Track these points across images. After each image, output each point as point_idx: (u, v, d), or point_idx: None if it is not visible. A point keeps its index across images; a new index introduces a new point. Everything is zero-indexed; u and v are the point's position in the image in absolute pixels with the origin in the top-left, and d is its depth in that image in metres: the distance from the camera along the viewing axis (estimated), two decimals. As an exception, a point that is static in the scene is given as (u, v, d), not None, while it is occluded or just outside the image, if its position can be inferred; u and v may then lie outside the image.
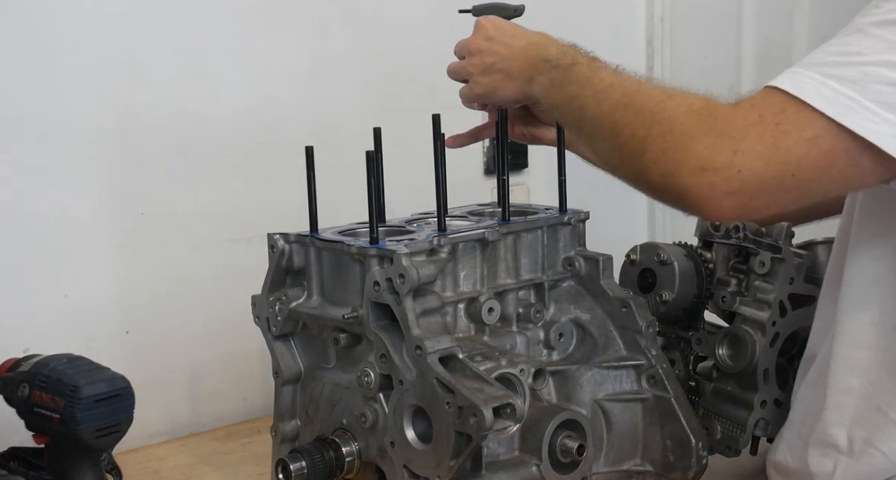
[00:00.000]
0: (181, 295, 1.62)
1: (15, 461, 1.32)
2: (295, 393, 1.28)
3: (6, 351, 1.33)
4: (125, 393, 1.24)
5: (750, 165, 0.91)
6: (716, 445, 1.36)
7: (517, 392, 1.13)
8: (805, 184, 0.94)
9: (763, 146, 0.91)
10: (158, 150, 1.59)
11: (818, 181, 0.94)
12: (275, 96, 1.68)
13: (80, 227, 1.53)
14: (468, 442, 1.07)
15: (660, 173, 0.96)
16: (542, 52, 1.16)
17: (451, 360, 1.11)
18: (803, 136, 0.90)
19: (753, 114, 0.92)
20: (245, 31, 1.65)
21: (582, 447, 1.16)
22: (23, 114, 1.47)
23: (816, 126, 0.90)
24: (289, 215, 1.31)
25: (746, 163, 0.91)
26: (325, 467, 1.18)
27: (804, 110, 0.90)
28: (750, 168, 0.91)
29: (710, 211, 0.96)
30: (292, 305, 1.25)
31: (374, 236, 1.18)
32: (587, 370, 1.27)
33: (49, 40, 1.47)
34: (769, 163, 0.91)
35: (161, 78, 1.58)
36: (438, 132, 1.27)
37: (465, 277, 1.22)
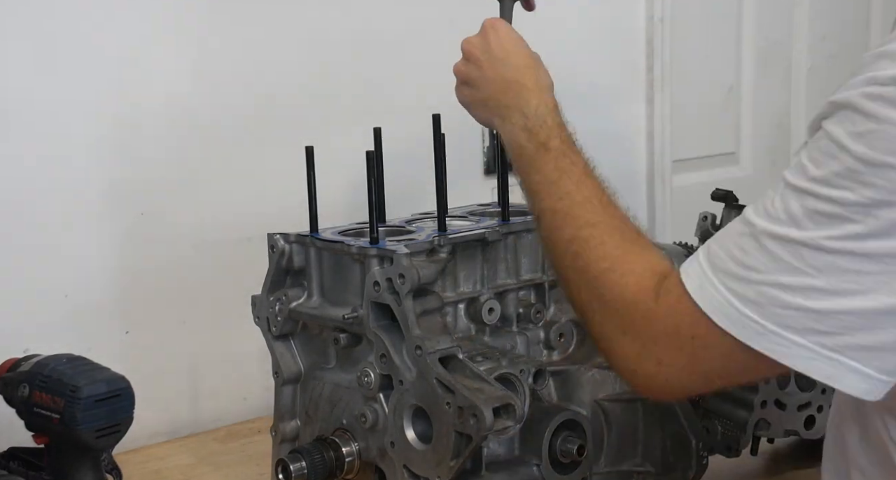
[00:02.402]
0: (181, 295, 1.62)
1: (15, 461, 1.32)
2: (295, 393, 1.28)
3: (6, 351, 1.33)
4: (125, 393, 1.24)
5: (675, 376, 0.92)
6: (716, 445, 1.36)
7: (517, 392, 1.13)
8: (736, 382, 0.97)
9: (684, 359, 0.91)
10: (158, 150, 1.59)
11: (746, 382, 0.99)
12: (275, 96, 1.68)
13: (80, 227, 1.53)
14: (468, 443, 1.07)
15: (601, 349, 0.99)
16: (521, 99, 1.12)
17: (451, 360, 1.11)
18: (719, 352, 0.89)
19: (670, 323, 0.91)
20: (245, 31, 1.65)
21: (582, 447, 1.16)
22: (23, 113, 1.47)
23: (728, 345, 0.88)
24: (289, 215, 1.31)
25: (672, 375, 0.92)
26: (325, 467, 1.18)
27: (714, 328, 0.88)
28: (676, 378, 0.93)
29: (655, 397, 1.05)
30: (292, 305, 1.25)
31: (375, 236, 1.18)
32: (587, 370, 1.27)
33: (49, 40, 1.47)
34: (692, 373, 0.92)
35: (161, 77, 1.58)
36: (438, 132, 1.27)
37: (465, 277, 1.22)
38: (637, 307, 0.94)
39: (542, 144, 1.08)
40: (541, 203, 1.06)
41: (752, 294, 0.86)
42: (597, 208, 1.03)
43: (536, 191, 1.07)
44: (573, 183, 1.05)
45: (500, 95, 1.14)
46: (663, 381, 0.93)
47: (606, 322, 0.97)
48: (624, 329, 0.95)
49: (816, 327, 0.84)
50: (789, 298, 0.84)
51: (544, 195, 1.06)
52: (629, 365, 0.95)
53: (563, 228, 1.03)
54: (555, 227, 1.04)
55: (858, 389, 0.85)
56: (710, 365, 0.91)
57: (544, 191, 1.06)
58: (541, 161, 1.07)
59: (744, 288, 0.86)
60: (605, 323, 0.97)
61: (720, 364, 0.90)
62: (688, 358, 0.91)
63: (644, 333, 0.93)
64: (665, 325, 0.92)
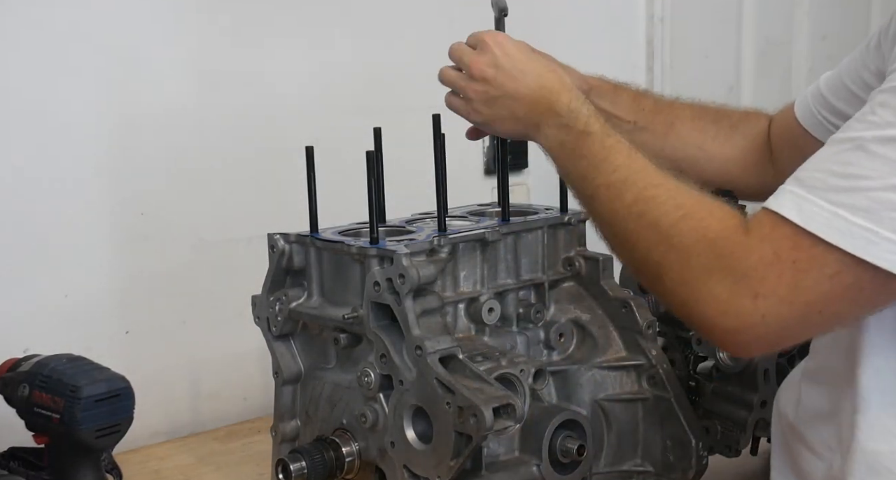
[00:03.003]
0: (181, 295, 1.62)
1: (15, 461, 1.32)
2: (295, 393, 1.28)
3: (6, 351, 1.33)
4: (125, 393, 1.24)
5: (774, 310, 0.87)
6: (716, 445, 1.36)
7: (517, 392, 1.13)
8: (832, 317, 0.90)
9: (784, 288, 0.86)
10: (158, 150, 1.59)
11: (846, 312, 0.90)
12: (275, 96, 1.68)
13: (80, 227, 1.53)
14: (468, 443, 1.07)
15: (679, 303, 0.93)
16: (553, 102, 1.09)
17: (451, 360, 1.11)
18: (824, 273, 0.85)
19: (767, 251, 0.87)
20: (245, 31, 1.65)
21: (582, 447, 1.16)
22: (23, 113, 1.47)
23: (835, 262, 0.85)
24: (289, 215, 1.31)
25: (770, 309, 0.87)
26: (325, 467, 1.18)
27: (819, 245, 0.85)
28: (774, 313, 0.87)
29: (735, 351, 0.95)
30: (292, 305, 1.25)
31: (375, 236, 1.18)
32: (587, 370, 1.27)
33: (49, 40, 1.47)
34: (792, 304, 0.87)
35: (161, 78, 1.58)
36: (438, 132, 1.27)
37: (465, 277, 1.22)
38: (726, 243, 0.90)
39: (582, 132, 1.05)
40: (592, 182, 1.02)
41: (863, 202, 0.83)
42: (656, 172, 0.99)
43: (584, 175, 1.03)
44: (624, 156, 1.02)
45: (531, 107, 1.11)
46: (759, 318, 0.87)
47: (687, 268, 0.91)
48: (710, 269, 0.89)
49: None
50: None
51: (595, 174, 1.02)
52: (719, 305, 0.89)
53: (622, 196, 0.99)
54: (612, 198, 0.99)
55: None
56: (814, 292, 0.86)
57: (594, 170, 1.02)
58: (584, 146, 1.04)
59: (852, 198, 0.84)
60: (686, 269, 0.91)
61: (826, 288, 0.86)
62: (788, 287, 0.86)
63: (737, 267, 0.88)
64: (761, 255, 0.87)
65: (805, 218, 0.86)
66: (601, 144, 1.03)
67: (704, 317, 0.91)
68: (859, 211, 0.83)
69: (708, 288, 0.90)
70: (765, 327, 0.88)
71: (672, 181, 0.98)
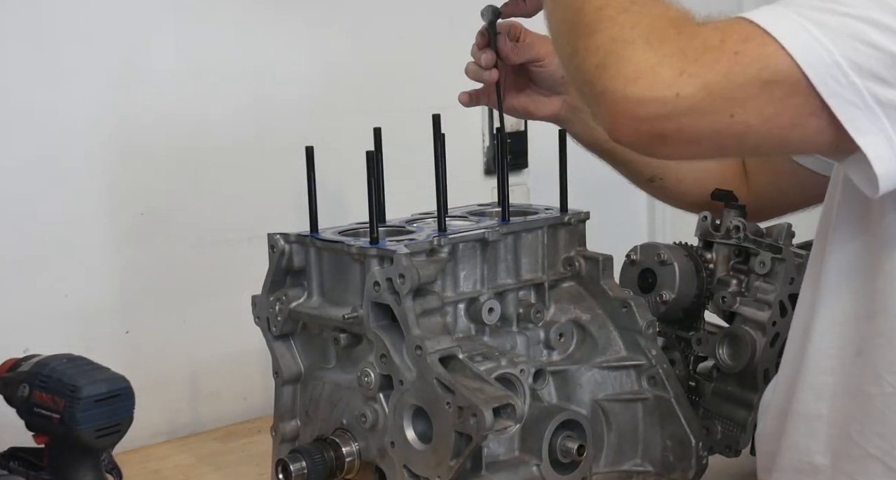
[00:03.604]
0: (181, 295, 1.62)
1: (15, 461, 1.32)
2: (295, 393, 1.28)
3: (6, 351, 1.33)
4: (125, 393, 1.24)
5: (690, 92, 0.83)
6: (716, 445, 1.36)
7: (517, 392, 1.13)
8: (737, 131, 0.86)
9: (713, 74, 0.82)
10: (158, 150, 1.59)
11: (752, 132, 0.86)
12: (275, 96, 1.68)
13: (80, 227, 1.53)
14: (468, 443, 1.07)
15: (595, 64, 0.86)
16: None
17: (451, 360, 1.11)
18: (760, 76, 0.82)
19: (715, 37, 0.84)
20: (245, 31, 1.65)
21: (582, 447, 1.16)
22: (22, 113, 1.47)
23: (778, 67, 0.82)
24: (289, 215, 1.31)
25: (688, 89, 0.83)
26: (325, 467, 1.18)
27: (770, 45, 0.82)
28: (689, 94, 0.83)
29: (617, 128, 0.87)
30: (292, 305, 1.25)
31: (375, 236, 1.18)
32: (587, 370, 1.27)
33: (49, 40, 1.47)
34: (712, 94, 0.83)
35: (161, 78, 1.58)
36: (438, 132, 1.27)
37: (465, 277, 1.22)
38: (680, 23, 0.86)
39: None
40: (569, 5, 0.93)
41: (834, 23, 0.82)
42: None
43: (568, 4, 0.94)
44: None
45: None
46: (672, 94, 0.83)
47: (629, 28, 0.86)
48: (650, 37, 0.85)
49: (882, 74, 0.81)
50: (875, 35, 0.81)
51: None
52: (639, 68, 0.84)
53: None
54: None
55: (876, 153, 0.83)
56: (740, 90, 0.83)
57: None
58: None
59: (826, 16, 0.82)
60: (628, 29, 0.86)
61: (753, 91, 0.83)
62: (718, 74, 0.83)
63: (677, 42, 0.84)
64: (706, 39, 0.84)
65: (768, 19, 0.84)
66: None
67: (615, 79, 0.85)
68: (826, 28, 0.82)
69: (639, 51, 0.85)
70: (671, 106, 0.84)
71: None
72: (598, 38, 0.87)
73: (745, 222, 1.35)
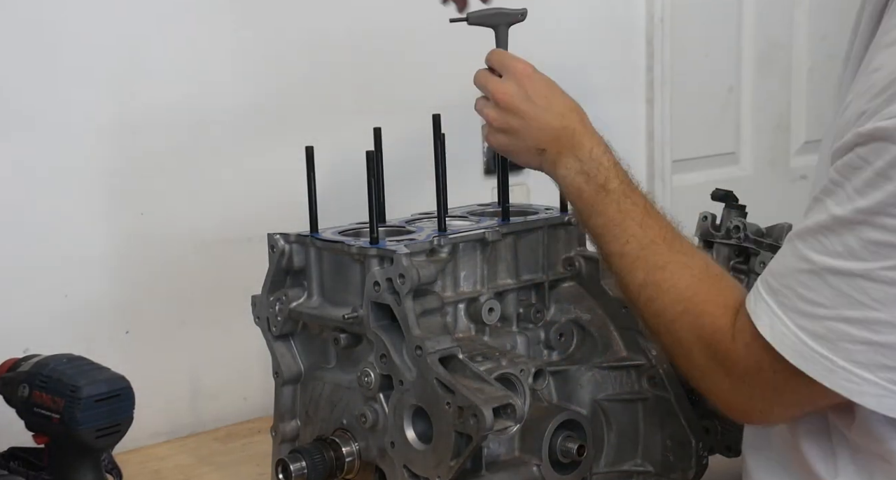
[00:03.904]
0: (181, 295, 1.62)
1: (15, 461, 1.32)
2: (295, 393, 1.28)
3: (6, 351, 1.32)
4: (125, 393, 1.24)
5: (767, 409, 0.98)
6: (716, 445, 1.36)
7: (517, 392, 1.13)
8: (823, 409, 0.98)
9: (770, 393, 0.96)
10: (158, 150, 1.58)
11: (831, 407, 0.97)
12: (275, 96, 1.68)
13: (80, 227, 1.53)
14: (468, 443, 1.07)
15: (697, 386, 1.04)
16: (575, 146, 1.12)
17: (452, 360, 1.11)
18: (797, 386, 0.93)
19: (752, 362, 0.95)
20: (245, 31, 1.65)
21: (582, 447, 1.16)
22: (22, 113, 1.47)
23: (805, 381, 0.91)
24: (289, 215, 1.31)
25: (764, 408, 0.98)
26: (325, 467, 1.18)
27: (789, 368, 0.92)
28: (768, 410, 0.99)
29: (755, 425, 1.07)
30: (292, 305, 1.25)
31: (375, 236, 1.18)
32: (587, 370, 1.27)
33: (48, 39, 1.47)
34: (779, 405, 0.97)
35: (161, 77, 1.58)
36: (438, 132, 1.27)
37: (465, 277, 1.22)
38: (718, 346, 0.98)
39: (601, 187, 1.10)
40: (608, 246, 1.09)
41: (821, 330, 0.88)
42: (663, 249, 1.06)
43: (601, 234, 1.10)
44: (637, 224, 1.07)
45: (552, 143, 1.13)
46: (758, 413, 0.99)
47: (690, 362, 1.01)
48: (710, 367, 0.99)
49: (884, 362, 0.87)
50: (856, 332, 0.87)
51: (610, 238, 1.08)
52: (725, 398, 1.00)
53: (633, 272, 1.06)
54: (626, 271, 1.07)
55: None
56: (795, 398, 0.94)
57: (609, 234, 1.08)
58: (602, 204, 1.09)
59: (813, 324, 0.89)
60: (690, 363, 1.02)
61: (804, 397, 0.93)
62: (773, 392, 0.95)
63: (732, 370, 0.97)
64: (747, 364, 0.96)
65: (776, 338, 0.92)
66: (617, 207, 1.09)
67: (717, 402, 1.02)
68: (819, 339, 0.89)
69: (713, 382, 1.00)
70: (766, 419, 1.01)
71: (678, 259, 1.05)
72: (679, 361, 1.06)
73: (745, 222, 1.35)
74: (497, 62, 1.18)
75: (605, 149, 1.12)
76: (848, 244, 0.86)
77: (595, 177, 1.10)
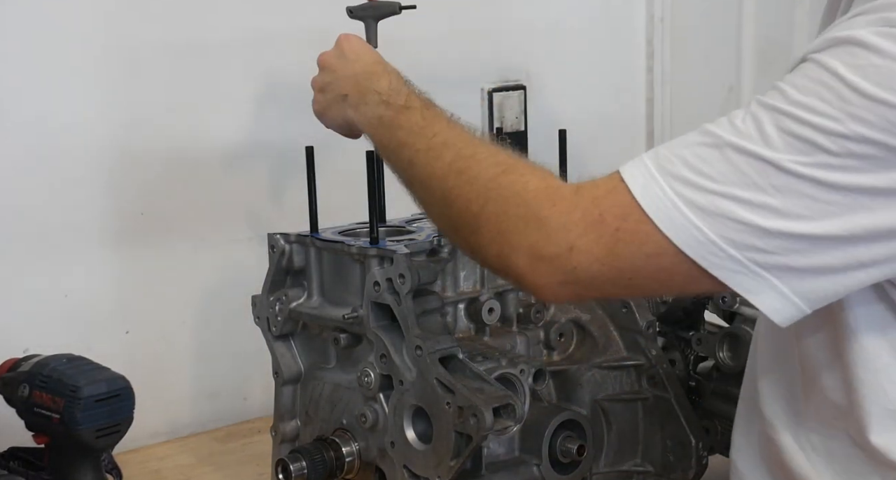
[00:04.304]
0: (181, 295, 1.62)
1: (15, 461, 1.32)
2: (295, 393, 1.28)
3: (6, 351, 1.32)
4: (125, 393, 1.24)
5: (585, 265, 0.89)
6: (716, 445, 1.36)
7: (517, 392, 1.13)
8: (640, 288, 0.94)
9: (600, 249, 0.88)
10: (158, 150, 1.59)
11: (654, 288, 0.95)
12: (275, 95, 1.68)
13: (80, 227, 1.53)
14: (468, 443, 1.07)
15: (495, 253, 0.93)
16: (374, 82, 1.12)
17: (452, 360, 1.11)
18: (642, 250, 0.87)
19: (594, 211, 0.89)
20: (245, 31, 1.65)
21: (582, 447, 1.16)
22: (22, 113, 1.47)
23: (657, 244, 0.87)
24: (289, 215, 1.31)
25: (581, 262, 0.89)
26: (325, 467, 1.18)
27: (647, 224, 0.87)
28: (585, 267, 0.89)
29: (545, 297, 0.97)
30: (292, 305, 1.25)
31: (375, 236, 1.18)
32: (587, 370, 1.27)
33: (48, 39, 1.47)
34: (604, 265, 0.89)
35: (161, 77, 1.58)
36: (438, 132, 1.26)
37: (465, 277, 1.22)
38: (548, 196, 0.91)
39: (403, 107, 1.07)
40: (412, 148, 1.03)
41: (702, 201, 0.85)
42: (476, 138, 1.01)
43: (403, 143, 1.04)
44: (444, 124, 1.03)
45: (353, 87, 1.14)
46: (571, 269, 0.89)
47: (505, 218, 0.92)
48: (527, 219, 0.91)
49: (757, 244, 0.85)
50: (741, 212, 0.85)
51: (414, 140, 1.03)
52: (533, 252, 0.90)
53: (441, 156, 1.00)
54: (431, 160, 1.00)
55: (772, 307, 0.87)
56: (628, 262, 0.88)
57: (413, 137, 1.04)
58: (403, 117, 1.06)
59: (695, 194, 0.86)
60: (504, 219, 0.92)
61: (641, 262, 0.88)
62: (604, 249, 0.88)
63: (556, 220, 0.90)
64: (585, 213, 0.89)
65: (645, 196, 0.87)
66: (421, 115, 1.05)
67: (518, 266, 0.91)
68: (696, 208, 0.85)
69: (524, 236, 0.91)
70: (574, 276, 0.90)
71: (492, 145, 1.00)
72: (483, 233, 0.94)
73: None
74: None
75: (406, 83, 1.12)
76: (764, 129, 0.85)
77: (395, 101, 1.08)
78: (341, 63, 1.18)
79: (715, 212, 0.85)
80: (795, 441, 1.03)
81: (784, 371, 1.05)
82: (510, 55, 1.88)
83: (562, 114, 1.88)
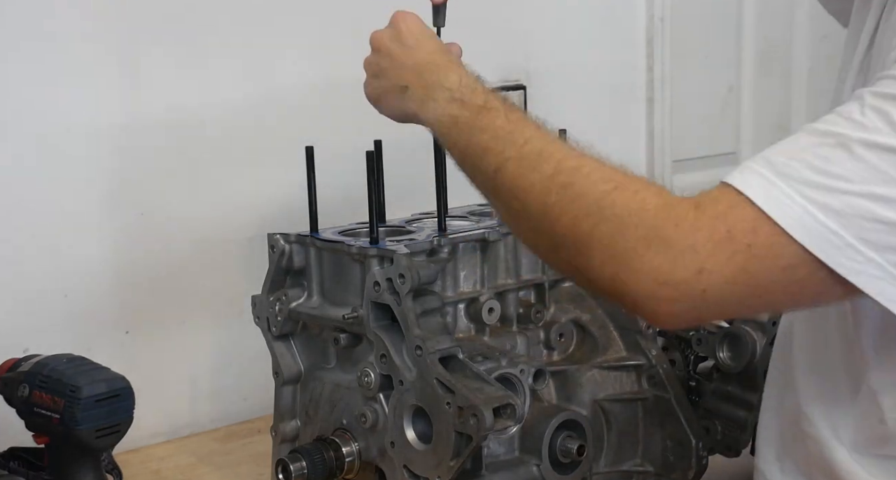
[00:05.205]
0: (181, 295, 1.62)
1: (15, 461, 1.32)
2: (295, 393, 1.28)
3: (6, 351, 1.32)
4: (125, 393, 1.24)
5: (716, 287, 0.83)
6: (716, 445, 1.36)
7: (517, 392, 1.13)
8: (769, 304, 0.89)
9: (732, 269, 0.82)
10: (158, 150, 1.58)
11: (784, 302, 0.90)
12: (275, 95, 1.68)
13: (79, 227, 1.53)
14: (468, 443, 1.07)
15: (608, 276, 0.86)
16: (441, 76, 1.02)
17: (452, 360, 1.11)
18: (777, 264, 0.82)
19: (720, 228, 0.83)
20: (245, 31, 1.65)
21: (582, 447, 1.16)
22: (22, 113, 1.47)
23: (793, 255, 0.82)
24: (289, 215, 1.31)
25: (713, 285, 0.83)
26: (325, 467, 1.19)
27: (780, 236, 0.81)
28: (716, 290, 0.83)
29: (662, 322, 0.89)
30: (292, 305, 1.25)
31: (375, 236, 1.18)
32: (587, 370, 1.27)
33: (48, 39, 1.47)
34: (736, 285, 0.83)
35: (161, 77, 1.58)
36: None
37: (465, 277, 1.22)
38: (669, 215, 0.84)
39: (481, 107, 0.98)
40: (500, 156, 0.93)
41: (837, 203, 0.81)
42: (573, 148, 0.93)
43: (487, 148, 0.95)
44: (534, 128, 0.95)
45: (415, 79, 1.05)
46: (700, 292, 0.83)
47: (622, 239, 0.85)
48: (649, 240, 0.84)
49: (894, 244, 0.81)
50: (880, 210, 0.80)
51: (501, 147, 0.94)
52: (659, 276, 0.83)
53: (538, 168, 0.91)
54: (527, 171, 0.91)
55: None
56: (761, 278, 0.83)
57: (500, 144, 0.94)
58: (486, 120, 0.97)
59: (827, 197, 0.81)
60: (621, 240, 0.85)
61: (775, 277, 0.83)
62: (737, 268, 0.82)
63: (681, 240, 0.83)
64: (712, 232, 0.83)
65: (772, 205, 0.82)
66: (506, 118, 0.96)
67: (637, 291, 0.85)
68: (831, 212, 0.81)
69: (647, 259, 0.84)
70: (702, 301, 0.84)
71: (593, 155, 0.92)
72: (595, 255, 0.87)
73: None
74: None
75: (477, 78, 1.02)
76: (892, 119, 0.80)
77: (471, 100, 0.99)
78: (399, 49, 1.08)
79: (851, 213, 0.81)
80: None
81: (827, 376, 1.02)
82: (510, 55, 1.88)
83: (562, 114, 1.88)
